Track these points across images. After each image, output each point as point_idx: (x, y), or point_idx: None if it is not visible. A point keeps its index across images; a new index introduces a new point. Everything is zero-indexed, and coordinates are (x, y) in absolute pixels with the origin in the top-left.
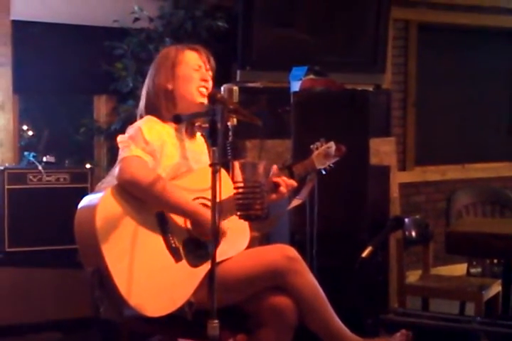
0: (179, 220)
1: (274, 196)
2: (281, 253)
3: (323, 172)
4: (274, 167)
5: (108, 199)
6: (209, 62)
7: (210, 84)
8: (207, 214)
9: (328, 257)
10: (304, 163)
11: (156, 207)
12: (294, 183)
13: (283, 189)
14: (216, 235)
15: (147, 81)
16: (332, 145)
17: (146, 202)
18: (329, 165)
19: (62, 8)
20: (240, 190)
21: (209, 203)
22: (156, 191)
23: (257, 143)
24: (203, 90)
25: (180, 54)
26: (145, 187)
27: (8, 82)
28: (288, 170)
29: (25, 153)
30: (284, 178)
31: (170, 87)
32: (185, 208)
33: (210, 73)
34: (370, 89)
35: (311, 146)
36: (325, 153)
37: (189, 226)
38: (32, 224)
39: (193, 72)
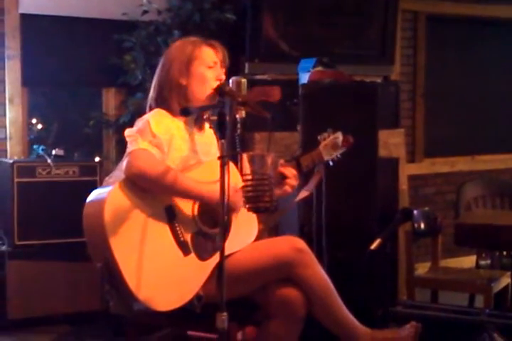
0: (188, 213)
1: (284, 187)
2: (291, 245)
3: (331, 164)
4: (281, 161)
5: (116, 193)
6: (224, 59)
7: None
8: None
9: (337, 249)
10: (311, 154)
11: (168, 197)
12: (293, 171)
13: (291, 180)
14: (225, 227)
15: (159, 72)
16: (339, 135)
17: (156, 193)
18: (337, 156)
19: (70, 1)
20: (249, 183)
21: None
22: (168, 181)
23: (265, 135)
24: None
25: (197, 50)
26: (154, 178)
27: (17, 75)
28: (296, 162)
29: (35, 147)
30: (291, 169)
31: (184, 82)
32: (200, 192)
33: (224, 70)
34: (379, 80)
35: (318, 137)
36: (332, 144)
37: (198, 218)
38: (41, 217)
39: (208, 70)
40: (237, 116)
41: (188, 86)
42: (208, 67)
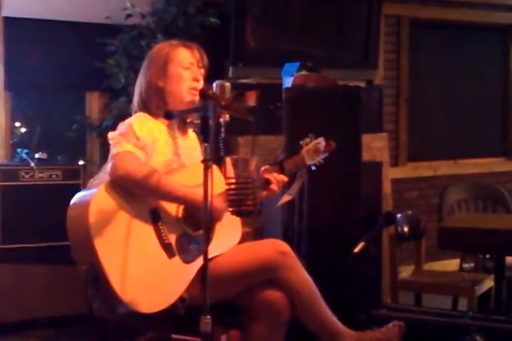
0: (172, 216)
1: (264, 193)
2: (274, 248)
3: (313, 168)
4: (266, 166)
5: (101, 195)
6: (202, 59)
7: (201, 82)
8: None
9: (321, 252)
10: (294, 158)
11: (153, 200)
12: (284, 178)
13: (274, 186)
14: (209, 230)
15: (139, 77)
16: (321, 140)
17: (142, 196)
18: (319, 161)
19: (54, 4)
20: (232, 186)
21: None
22: (151, 183)
23: (249, 139)
24: (194, 91)
25: (173, 51)
26: (140, 180)
27: (0, 79)
28: (279, 166)
29: (18, 150)
30: (275, 174)
31: (161, 84)
32: (184, 195)
33: (202, 71)
34: (362, 85)
35: (301, 142)
36: (314, 149)
37: (182, 220)
38: (24, 221)
39: (184, 70)
40: (221, 119)
41: (166, 87)
42: (184, 68)
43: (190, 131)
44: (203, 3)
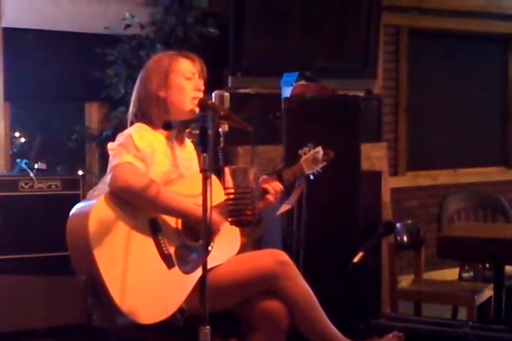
0: (172, 227)
1: (262, 203)
2: (273, 258)
3: (312, 178)
4: (264, 176)
5: (101, 206)
6: (202, 70)
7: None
8: None
9: (320, 262)
10: (292, 168)
11: (152, 211)
12: (279, 186)
13: (271, 196)
14: (208, 241)
15: (137, 87)
16: (320, 150)
17: (141, 207)
18: (317, 170)
19: (53, 15)
20: (231, 196)
21: None
22: (151, 195)
23: (248, 149)
24: (196, 100)
25: (174, 62)
26: (139, 192)
27: None
28: (277, 176)
29: (18, 160)
30: (272, 184)
31: (162, 94)
32: (182, 209)
33: (202, 82)
34: (361, 94)
35: (299, 151)
36: (313, 158)
37: (182, 231)
38: (23, 231)
39: (186, 81)
40: (220, 129)
41: (167, 97)
42: (185, 79)
43: (188, 142)
44: (201, 14)
